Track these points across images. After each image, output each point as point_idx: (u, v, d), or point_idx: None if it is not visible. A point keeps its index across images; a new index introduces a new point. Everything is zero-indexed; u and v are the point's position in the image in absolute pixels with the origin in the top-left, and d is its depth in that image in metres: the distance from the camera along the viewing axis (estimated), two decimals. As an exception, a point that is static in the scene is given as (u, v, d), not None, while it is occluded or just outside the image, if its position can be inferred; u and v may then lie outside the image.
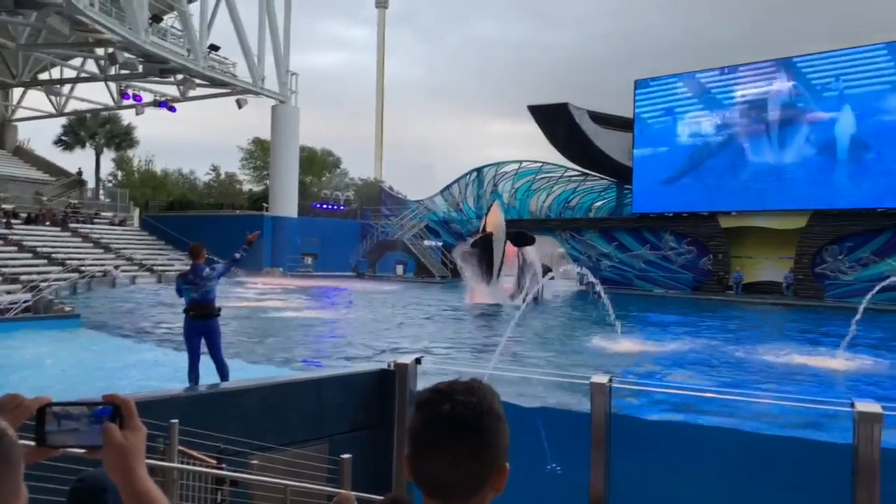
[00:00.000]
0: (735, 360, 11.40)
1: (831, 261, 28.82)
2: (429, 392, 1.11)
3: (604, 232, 35.58)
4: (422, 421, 1.07)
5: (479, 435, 1.07)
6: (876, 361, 11.39)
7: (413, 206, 42.90)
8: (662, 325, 17.08)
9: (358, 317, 17.39)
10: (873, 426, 4.39)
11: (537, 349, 12.14)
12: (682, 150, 32.47)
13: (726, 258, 31.65)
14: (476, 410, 1.07)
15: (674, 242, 33.24)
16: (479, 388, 1.11)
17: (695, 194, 31.99)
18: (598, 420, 5.02)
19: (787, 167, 29.54)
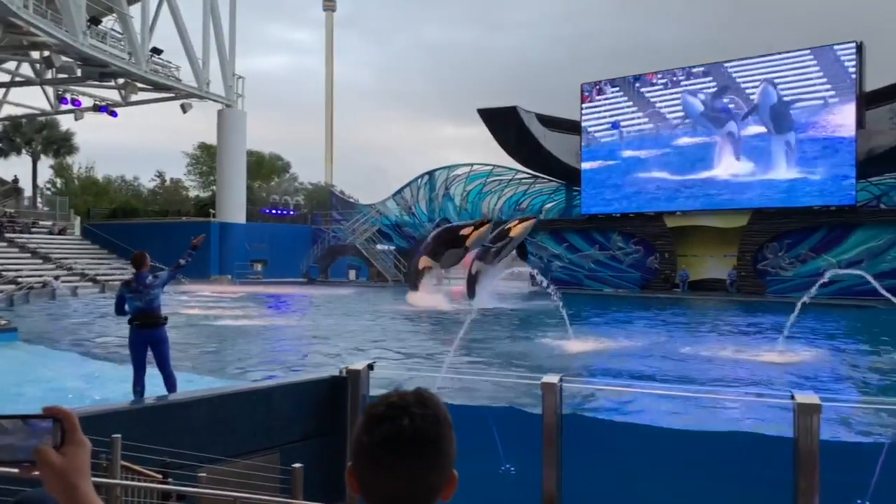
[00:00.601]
0: (681, 357, 11.66)
1: (772, 258, 29.83)
2: (382, 406, 1.09)
3: (554, 233, 36.04)
4: (381, 437, 1.06)
5: (438, 446, 1.07)
6: (814, 354, 11.81)
7: (365, 211, 42.69)
8: (612, 324, 17.38)
9: (309, 323, 17.18)
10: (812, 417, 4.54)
11: (490, 351, 12.20)
12: (628, 152, 33.16)
13: (672, 257, 32.42)
14: (433, 422, 1.08)
15: (622, 242, 33.88)
16: (430, 399, 1.12)
17: (641, 195, 32.71)
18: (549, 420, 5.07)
19: (728, 168, 30.43)
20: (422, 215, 41.51)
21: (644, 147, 32.74)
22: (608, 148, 33.82)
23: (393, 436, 1.05)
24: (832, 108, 28.14)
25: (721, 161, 30.65)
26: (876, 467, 4.65)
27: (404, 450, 1.06)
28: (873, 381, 9.54)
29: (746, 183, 29.90)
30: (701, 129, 31.29)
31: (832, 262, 27.17)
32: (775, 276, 29.58)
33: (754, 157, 29.83)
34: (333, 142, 76.09)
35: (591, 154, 34.30)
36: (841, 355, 11.95)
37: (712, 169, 30.84)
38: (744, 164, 30.04)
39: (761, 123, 29.76)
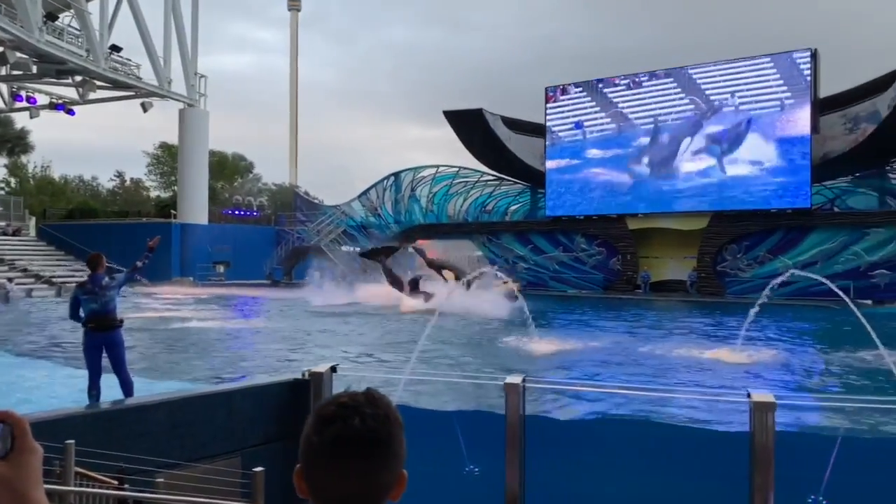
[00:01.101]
0: (643, 356, 11.83)
1: (731, 259, 30.47)
2: (332, 406, 1.09)
3: (519, 235, 36.30)
4: (332, 437, 1.05)
5: (389, 446, 1.08)
6: (770, 353, 12.08)
7: (330, 212, 42.40)
8: (576, 325, 17.55)
9: (272, 326, 17.00)
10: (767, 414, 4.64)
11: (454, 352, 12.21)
12: (591, 155, 33.55)
13: (634, 259, 32.90)
14: (384, 422, 1.08)
15: (585, 244, 34.28)
16: (380, 399, 1.12)
17: (604, 197, 33.13)
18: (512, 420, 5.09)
19: (688, 171, 31.00)
20: (388, 217, 41.40)
21: (607, 150, 33.16)
22: (572, 150, 34.17)
23: (344, 435, 1.05)
24: (788, 113, 28.87)
25: (682, 164, 31.19)
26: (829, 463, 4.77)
27: (355, 449, 1.05)
28: (828, 380, 9.80)
29: (706, 186, 30.49)
30: (662, 132, 31.81)
31: (788, 263, 27.86)
32: (734, 278, 30.22)
33: (714, 160, 30.42)
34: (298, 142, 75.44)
35: (555, 156, 34.62)
36: (797, 354, 12.25)
37: (673, 172, 31.37)
38: (704, 168, 30.62)
39: (721, 127, 30.36)
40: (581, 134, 34.08)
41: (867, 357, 10.97)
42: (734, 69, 30.28)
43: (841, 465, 4.75)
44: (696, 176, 30.79)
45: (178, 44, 40.11)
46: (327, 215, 41.87)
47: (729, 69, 30.42)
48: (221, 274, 40.32)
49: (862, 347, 11.66)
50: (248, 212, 47.86)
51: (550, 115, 35.03)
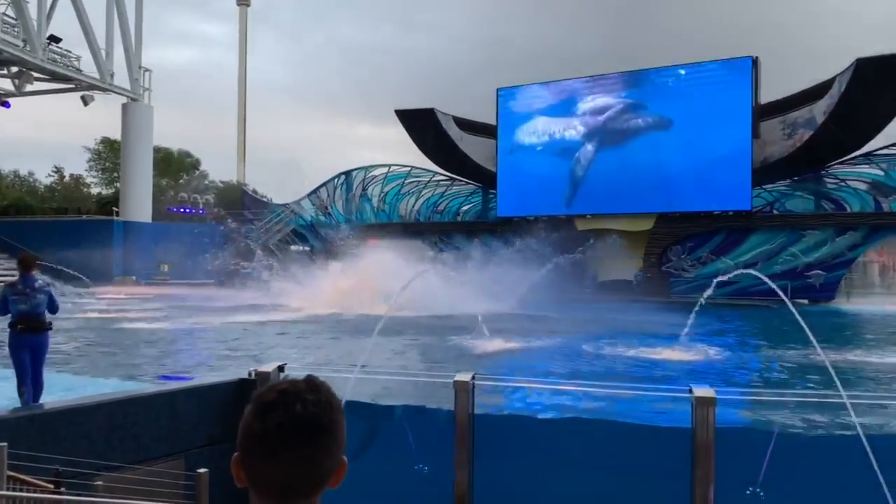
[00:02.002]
0: (591, 355, 12.04)
1: (675, 260, 31.27)
2: (274, 393, 1.09)
3: (471, 235, 36.44)
4: (274, 423, 1.05)
5: (331, 432, 1.08)
6: (711, 350, 12.45)
7: (279, 210, 41.80)
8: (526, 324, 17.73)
9: (218, 325, 16.66)
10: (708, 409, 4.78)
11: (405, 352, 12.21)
12: (542, 157, 33.95)
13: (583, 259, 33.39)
14: (326, 408, 1.08)
15: (535, 245, 34.63)
16: (321, 385, 1.12)
17: (554, 199, 33.54)
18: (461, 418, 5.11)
19: (635, 173, 31.64)
20: (338, 216, 41.06)
21: (558, 152, 33.62)
22: (523, 152, 34.52)
23: (286, 422, 1.05)
24: (731, 118, 29.74)
25: (628, 167, 31.82)
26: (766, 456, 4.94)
27: (297, 436, 1.05)
28: (766, 375, 10.14)
29: (652, 188, 31.16)
30: (610, 135, 32.41)
31: (730, 264, 28.74)
32: (678, 278, 31.01)
33: (660, 163, 31.12)
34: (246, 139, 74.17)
35: (506, 157, 34.91)
36: (738, 351, 12.64)
37: (621, 174, 31.97)
38: (650, 170, 31.29)
39: (666, 131, 31.11)
40: (532, 136, 34.46)
41: (803, 354, 11.40)
42: (679, 74, 31.07)
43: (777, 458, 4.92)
44: (643, 178, 31.46)
45: (120, 36, 38.96)
46: (276, 214, 41.28)
47: (674, 74, 31.20)
48: (166, 273, 39.36)
49: (798, 345, 12.12)
50: (193, 210, 46.83)
51: (502, 119, 35.31)
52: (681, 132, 30.71)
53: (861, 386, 8.53)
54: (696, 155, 30.30)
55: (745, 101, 29.58)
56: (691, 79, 30.66)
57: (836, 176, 29.84)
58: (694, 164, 30.33)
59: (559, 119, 33.82)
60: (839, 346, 13.23)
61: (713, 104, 30.04)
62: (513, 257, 28.52)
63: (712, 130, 29.96)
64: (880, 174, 28.95)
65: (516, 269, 33.56)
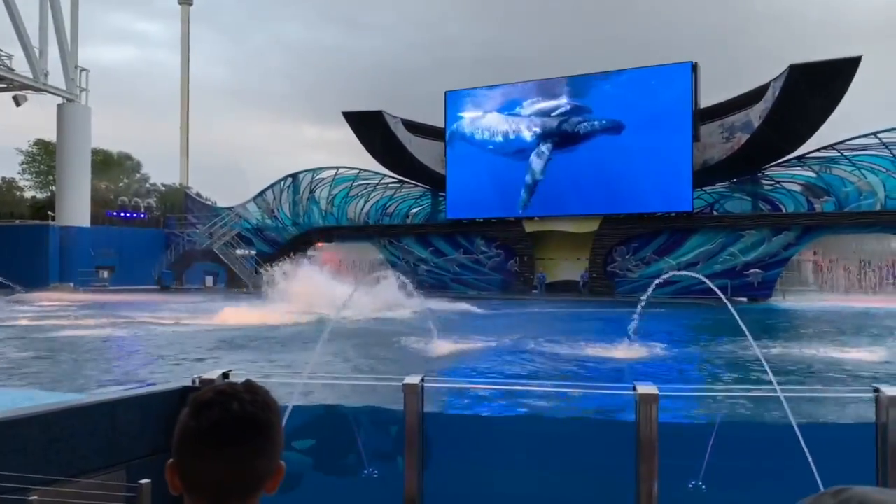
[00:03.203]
0: (536, 354, 12.21)
1: (620, 260, 31.94)
2: (211, 392, 1.09)
3: (420, 237, 36.50)
4: (210, 422, 1.04)
5: (267, 432, 1.08)
6: (654, 347, 12.77)
7: (223, 214, 41.01)
8: (475, 325, 17.85)
9: (161, 332, 16.24)
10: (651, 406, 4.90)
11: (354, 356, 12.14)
12: (490, 159, 34.23)
13: (531, 260, 33.85)
14: (263, 408, 1.08)
15: (484, 246, 34.94)
16: (258, 387, 1.12)
17: (502, 201, 33.87)
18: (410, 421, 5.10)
19: (582, 176, 32.22)
20: (285, 219, 40.54)
21: (506, 154, 33.95)
22: (471, 155, 34.75)
23: (222, 420, 1.05)
24: (671, 121, 30.57)
25: (574, 170, 32.35)
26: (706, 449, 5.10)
27: (233, 434, 1.05)
28: (706, 371, 10.46)
29: (597, 190, 31.77)
30: (556, 138, 32.90)
31: (673, 263, 29.54)
32: (623, 278, 31.68)
33: (605, 165, 31.76)
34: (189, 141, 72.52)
35: (455, 160, 35.09)
36: (680, 348, 12.99)
37: (567, 176, 32.49)
38: (595, 172, 31.89)
39: (609, 134, 31.75)
40: (480, 138, 34.72)
41: (741, 350, 11.80)
42: (621, 78, 31.77)
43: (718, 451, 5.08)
44: (589, 180, 32.03)
45: (55, 33, 37.61)
46: (221, 217, 40.49)
47: (616, 79, 31.89)
48: (105, 279, 38.16)
49: (737, 341, 12.53)
50: (134, 213, 45.56)
51: (450, 122, 35.45)
52: (624, 136, 31.42)
53: (794, 378, 8.88)
54: (639, 157, 31.04)
55: (685, 105, 30.44)
56: (633, 83, 31.39)
57: (772, 178, 30.99)
58: (637, 166, 31.08)
59: (506, 122, 34.18)
60: (775, 341, 13.72)
61: (654, 108, 30.83)
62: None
63: (654, 134, 30.74)
64: (812, 176, 30.20)
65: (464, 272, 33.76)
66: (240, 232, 40.06)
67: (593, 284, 32.08)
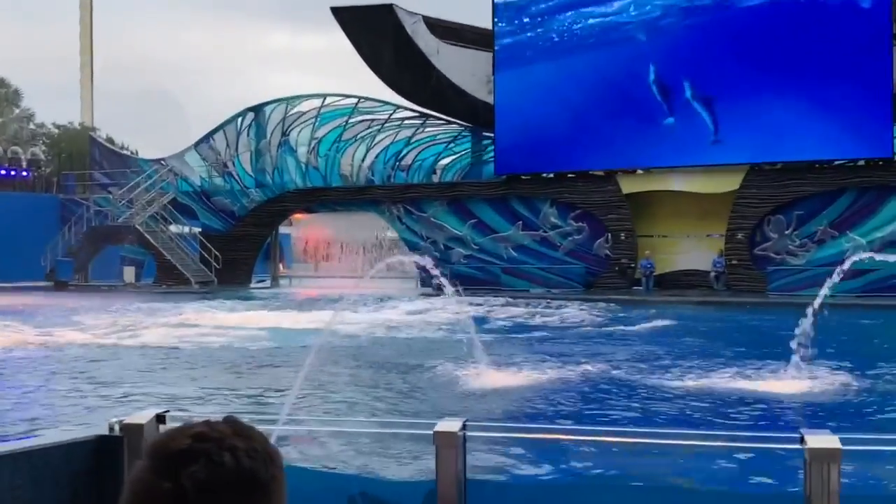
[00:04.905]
0: (646, 388, 12.16)
1: (776, 237, 31.37)
2: (187, 439, 1.12)
3: (455, 204, 36.34)
4: (193, 482, 1.08)
5: (270, 493, 1.14)
6: (836, 379, 12.60)
7: (149, 169, 41.51)
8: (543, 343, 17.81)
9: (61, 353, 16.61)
10: (829, 466, 4.87)
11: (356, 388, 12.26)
12: (566, 80, 33.80)
13: (631, 238, 33.43)
14: (263, 460, 1.13)
15: (557, 217, 34.58)
16: (250, 429, 1.18)
17: (584, 146, 33.41)
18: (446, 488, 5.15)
19: (711, 105, 31.62)
20: (244, 177, 40.82)
21: (590, 72, 33.46)
22: (537, 70, 34.35)
23: (211, 479, 1.08)
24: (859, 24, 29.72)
25: (702, 96, 31.80)
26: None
27: (227, 498, 1.09)
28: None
29: (741, 127, 31.17)
30: (676, 44, 32.30)
31: (860, 242, 29.01)
32: (779, 266, 31.19)
33: (752, 91, 31.11)
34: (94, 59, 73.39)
35: (510, 80, 34.74)
36: (874, 380, 12.80)
37: (690, 107, 31.97)
38: (736, 100, 31.29)
39: (763, 44, 30.99)
40: (552, 44, 34.31)
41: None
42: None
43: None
44: (724, 111, 31.47)
45: None
46: (145, 175, 40.98)
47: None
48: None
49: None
50: (13, 170, 46.36)
51: (502, 13, 35.16)
52: (784, 46, 30.58)
53: None
54: (808, 80, 30.24)
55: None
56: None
57: None
58: (806, 92, 30.31)
59: (594, 14, 33.60)
60: None
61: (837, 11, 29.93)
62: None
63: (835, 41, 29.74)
64: None
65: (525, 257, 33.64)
66: (175, 198, 40.45)
67: (732, 276, 31.68)
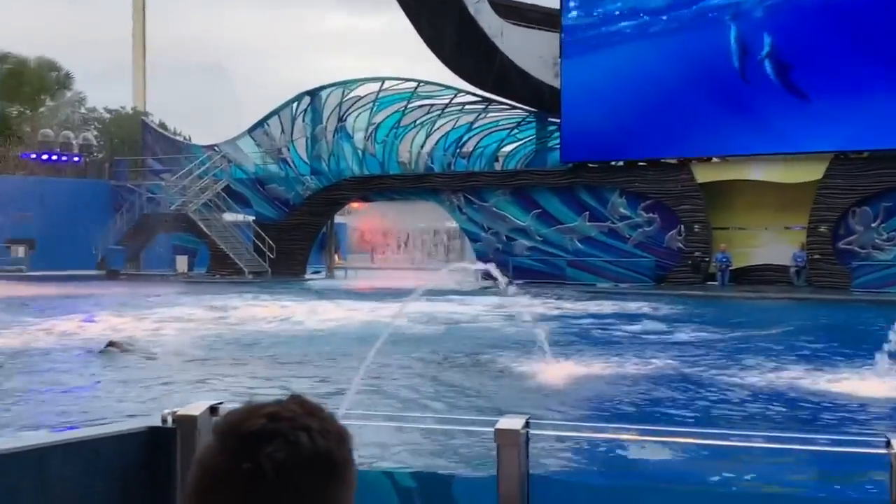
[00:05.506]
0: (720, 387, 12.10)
1: (862, 230, 30.92)
2: (260, 419, 1.14)
3: (518, 193, 36.35)
4: (272, 462, 1.10)
5: (344, 474, 1.16)
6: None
7: (202, 156, 42.00)
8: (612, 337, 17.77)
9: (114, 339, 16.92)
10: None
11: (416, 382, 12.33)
12: (638, 62, 33.62)
13: (705, 230, 33.20)
14: (337, 440, 1.16)
15: (626, 208, 34.46)
16: (320, 409, 1.19)
17: (656, 132, 33.24)
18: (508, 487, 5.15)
19: (794, 88, 31.24)
20: (299, 164, 41.16)
21: (664, 54, 33.26)
22: (606, 53, 34.22)
23: (288, 458, 1.10)
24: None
25: (786, 79, 31.43)
26: None
27: (306, 478, 1.11)
28: None
29: (825, 113, 30.75)
30: (754, 24, 31.98)
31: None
32: (865, 261, 30.73)
33: (837, 75, 30.66)
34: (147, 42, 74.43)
35: (578, 62, 34.63)
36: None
37: (772, 91, 31.62)
38: (821, 82, 30.88)
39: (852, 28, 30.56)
40: (623, 24, 34.15)
41: None
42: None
43: None
44: (808, 94, 31.08)
45: None
46: (198, 161, 41.47)
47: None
48: (21, 259, 39.79)
49: None
50: (65, 156, 47.12)
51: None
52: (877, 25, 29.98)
53: None
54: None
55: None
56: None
57: None
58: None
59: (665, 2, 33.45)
60: None
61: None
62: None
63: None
64: None
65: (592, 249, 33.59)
66: (229, 185, 40.91)
67: (814, 271, 31.29)
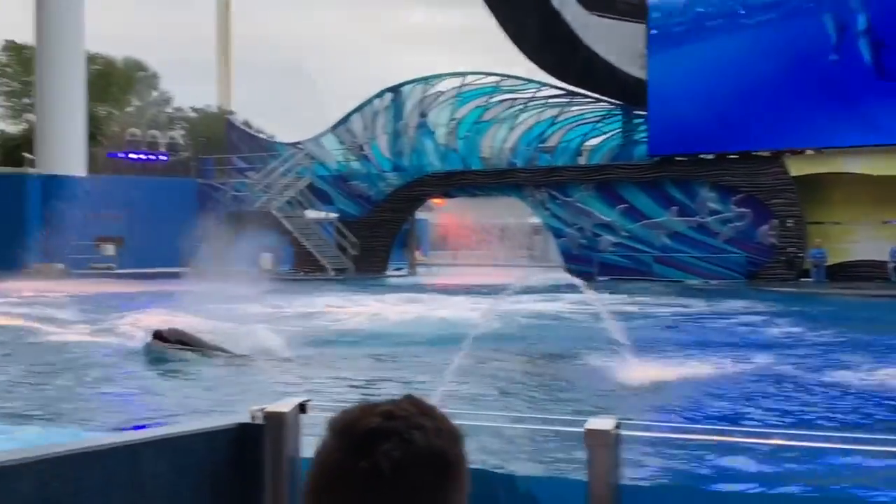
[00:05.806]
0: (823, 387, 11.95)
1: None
2: (375, 417, 1.17)
3: (604, 188, 36.22)
4: (389, 460, 1.13)
5: (458, 473, 1.19)
6: None
7: (286, 153, 42.47)
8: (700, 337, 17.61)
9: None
10: None
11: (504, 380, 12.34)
12: (727, 53, 33.27)
13: (800, 225, 32.75)
14: (451, 438, 1.20)
15: (716, 202, 34.15)
16: (433, 408, 1.23)
17: (747, 124, 32.89)
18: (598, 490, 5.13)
19: (892, 76, 30.62)
20: (381, 160, 41.42)
21: (754, 44, 32.88)
22: (694, 44, 33.92)
23: (405, 456, 1.14)
24: None
25: (882, 64, 30.87)
26: None
27: (422, 476, 1.15)
28: None
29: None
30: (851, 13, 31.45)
31: None
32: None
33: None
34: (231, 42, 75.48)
35: (665, 54, 34.40)
36: None
37: (867, 78, 31.08)
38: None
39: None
40: (712, 13, 33.80)
41: None
42: None
43: None
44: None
45: None
46: (282, 159, 41.93)
47: None
48: (111, 257, 40.45)
49: None
50: (152, 155, 47.93)
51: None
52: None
53: None
54: None
55: None
56: None
57: None
58: None
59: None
60: None
61: None
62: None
63: None
64: None
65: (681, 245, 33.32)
66: (312, 182, 41.32)
67: (912, 267, 30.75)
